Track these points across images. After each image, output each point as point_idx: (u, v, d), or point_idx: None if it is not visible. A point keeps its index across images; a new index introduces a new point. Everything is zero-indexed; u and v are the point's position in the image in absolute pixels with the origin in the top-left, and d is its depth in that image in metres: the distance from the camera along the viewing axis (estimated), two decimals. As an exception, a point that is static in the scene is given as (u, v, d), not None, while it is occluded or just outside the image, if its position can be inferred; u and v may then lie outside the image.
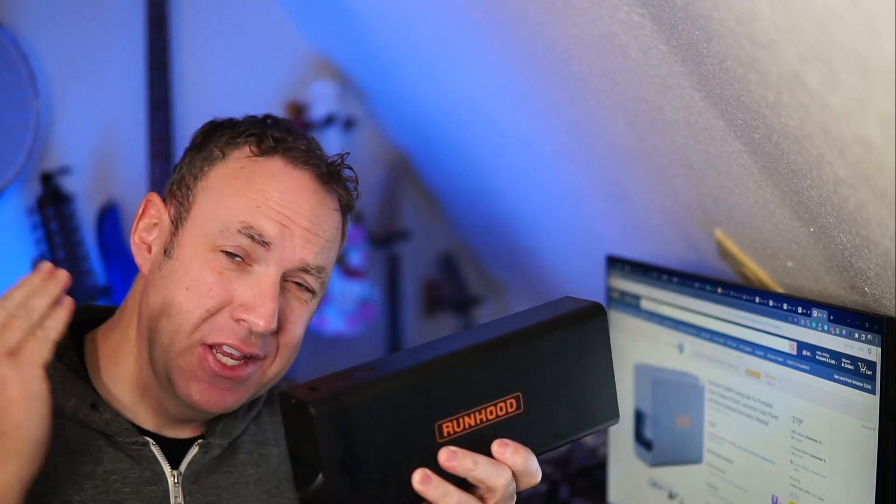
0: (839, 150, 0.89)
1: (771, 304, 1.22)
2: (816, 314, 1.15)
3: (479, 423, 0.84)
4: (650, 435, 1.47)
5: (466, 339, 0.88)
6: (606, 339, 0.91)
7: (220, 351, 1.00)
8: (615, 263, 1.55)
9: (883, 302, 1.09)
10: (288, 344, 1.04)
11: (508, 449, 0.85)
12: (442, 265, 2.65)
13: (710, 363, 1.34)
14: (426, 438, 0.82)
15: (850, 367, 1.11)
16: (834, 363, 1.13)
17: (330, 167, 1.05)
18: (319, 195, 1.04)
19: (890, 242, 0.95)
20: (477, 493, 0.85)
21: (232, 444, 1.09)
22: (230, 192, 1.01)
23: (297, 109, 2.32)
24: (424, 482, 0.81)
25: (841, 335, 1.12)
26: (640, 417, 1.49)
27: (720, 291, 1.31)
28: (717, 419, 1.34)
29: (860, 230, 0.98)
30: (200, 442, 1.07)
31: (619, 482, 1.56)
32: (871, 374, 1.08)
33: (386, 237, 2.49)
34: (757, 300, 1.25)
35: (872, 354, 1.08)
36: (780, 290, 1.31)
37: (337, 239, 1.06)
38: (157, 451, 1.04)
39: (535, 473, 0.87)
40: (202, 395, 1.00)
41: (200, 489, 1.06)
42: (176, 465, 1.05)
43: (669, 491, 1.44)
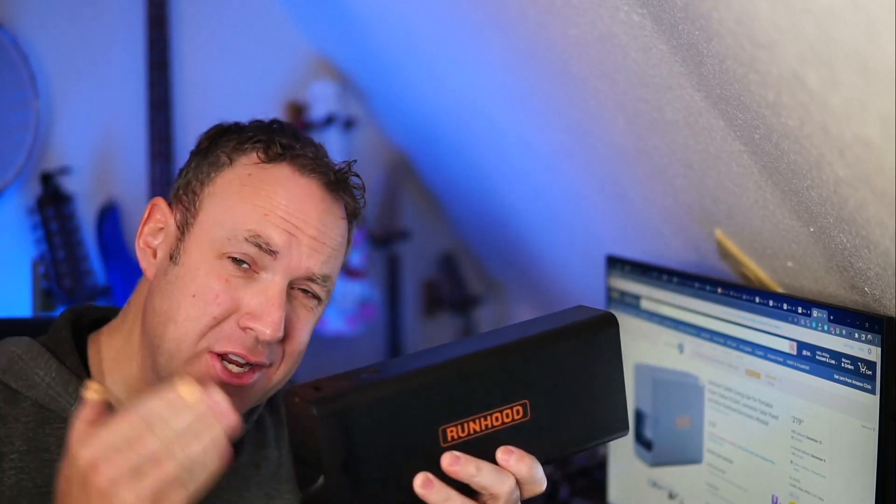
0: (839, 150, 0.89)
1: (771, 304, 1.22)
2: (816, 314, 1.15)
3: (484, 429, 0.84)
4: (650, 435, 1.47)
5: (475, 344, 0.88)
6: (618, 349, 0.90)
7: (226, 359, 1.00)
8: (615, 263, 1.55)
9: (883, 302, 1.09)
10: (294, 351, 1.03)
11: (513, 456, 0.84)
12: (442, 265, 2.65)
13: (710, 363, 1.34)
14: (430, 442, 0.82)
15: (850, 367, 1.11)
16: (834, 363, 1.13)
17: (337, 175, 1.04)
18: (327, 203, 1.03)
19: (890, 242, 0.95)
20: (480, 499, 0.85)
21: (233, 446, 1.09)
22: (237, 198, 1.01)
23: (297, 109, 2.32)
24: (426, 486, 0.81)
25: (841, 335, 1.12)
26: (640, 417, 1.49)
27: (720, 291, 1.31)
28: (717, 419, 1.34)
29: (860, 230, 0.98)
30: None
31: (619, 482, 1.56)
32: (871, 374, 1.08)
33: (386, 237, 2.49)
34: (757, 300, 1.24)
35: (872, 354, 1.08)
36: (780, 290, 1.31)
37: (343, 247, 1.06)
38: None
39: (539, 482, 0.86)
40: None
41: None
42: None
43: (669, 491, 1.44)
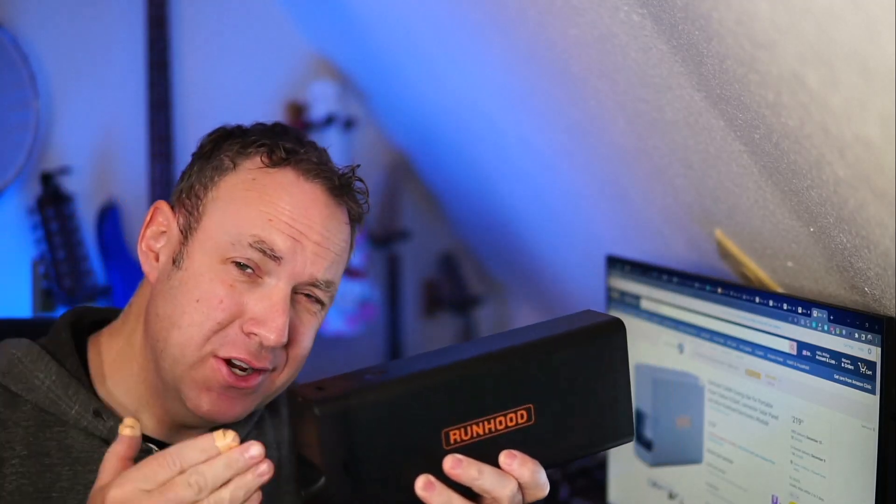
0: (839, 150, 0.89)
1: (771, 304, 1.22)
2: (816, 314, 1.15)
3: (487, 432, 0.83)
4: (650, 435, 1.47)
5: (480, 346, 0.87)
6: (624, 355, 0.89)
7: (230, 363, 1.00)
8: (615, 263, 1.55)
9: (883, 302, 1.09)
10: (297, 356, 1.03)
11: (516, 460, 0.84)
12: (442, 265, 2.65)
13: (710, 363, 1.34)
14: (432, 445, 0.82)
15: (850, 367, 1.11)
16: (834, 363, 1.13)
17: (341, 180, 1.04)
18: (331, 209, 1.03)
19: (890, 242, 0.95)
20: (482, 503, 0.85)
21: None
22: (241, 204, 1.00)
23: (297, 109, 2.32)
24: (427, 488, 0.81)
25: (841, 335, 1.12)
26: (640, 417, 1.49)
27: (720, 291, 1.31)
28: (717, 419, 1.33)
29: (860, 230, 0.98)
30: None
31: (619, 482, 1.56)
32: (871, 374, 1.08)
33: (386, 237, 2.49)
34: (757, 300, 1.24)
35: (872, 354, 1.08)
36: (780, 290, 1.31)
37: (346, 252, 1.06)
38: None
39: (542, 486, 0.86)
40: (213, 405, 1.00)
41: None
42: None
43: (669, 491, 1.44)
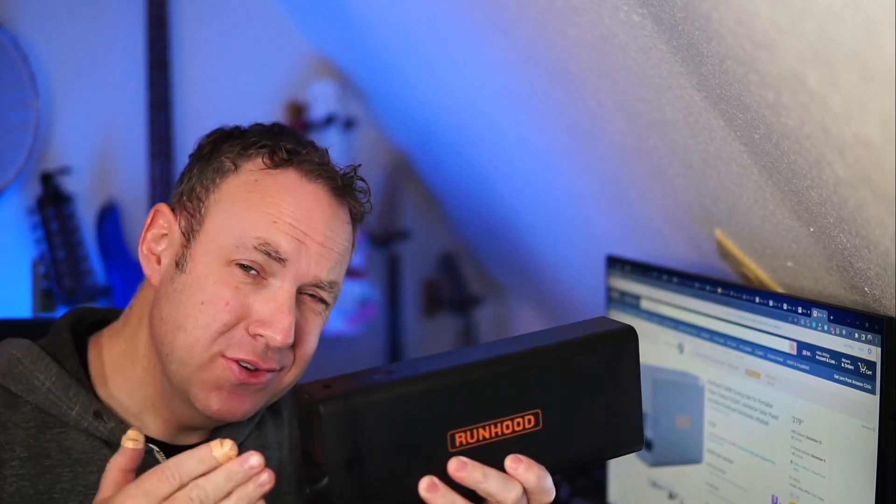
0: (839, 150, 0.88)
1: (771, 304, 1.22)
2: (816, 314, 1.15)
3: (493, 436, 0.83)
4: (650, 435, 1.47)
5: (489, 350, 0.87)
6: (636, 364, 0.89)
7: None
8: (615, 263, 1.55)
9: (883, 302, 1.09)
10: (304, 355, 1.04)
11: (522, 465, 0.83)
12: (442, 265, 2.65)
13: (710, 363, 1.34)
14: (437, 446, 0.81)
15: (850, 367, 1.11)
16: (834, 363, 1.13)
17: (344, 179, 1.04)
18: (333, 209, 1.03)
19: (890, 242, 0.94)
20: None
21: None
22: (244, 205, 1.00)
23: (297, 109, 2.32)
24: (431, 490, 0.81)
25: (841, 335, 1.12)
26: (640, 417, 1.49)
27: (720, 291, 1.31)
28: (717, 419, 1.34)
29: (860, 230, 0.98)
30: None
31: (619, 482, 1.56)
32: (871, 374, 1.08)
33: (386, 237, 2.49)
34: (757, 300, 1.24)
35: (872, 354, 1.08)
36: (780, 290, 1.31)
37: (349, 251, 1.06)
38: (161, 458, 1.03)
39: (548, 492, 0.85)
40: (222, 404, 1.00)
41: None
42: None
43: (669, 491, 1.44)
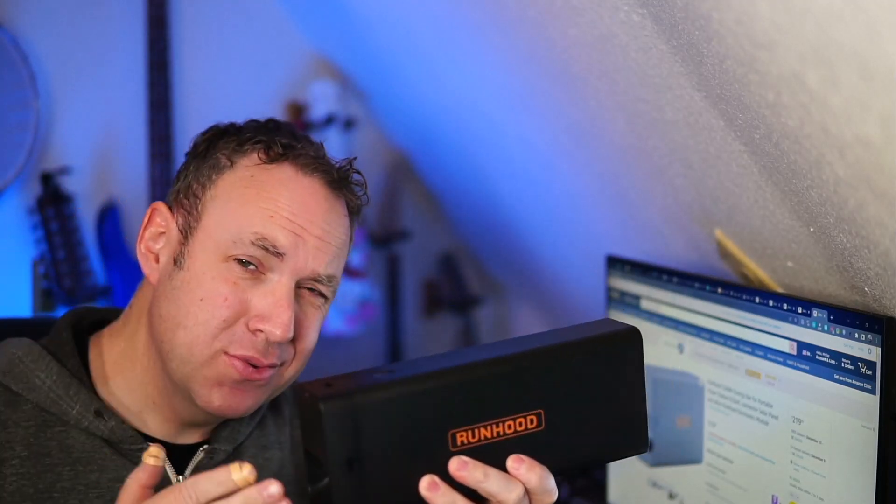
0: (839, 150, 0.89)
1: (771, 304, 1.22)
2: (816, 314, 1.15)
3: (495, 436, 0.83)
4: (650, 435, 1.47)
5: (492, 350, 0.87)
6: (640, 365, 0.88)
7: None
8: (615, 263, 1.55)
9: (883, 302, 1.09)
10: (304, 349, 1.04)
11: (524, 465, 0.83)
12: (442, 265, 2.65)
13: (710, 363, 1.34)
14: (438, 446, 0.81)
15: (850, 367, 1.11)
16: (834, 363, 1.13)
17: (339, 173, 1.04)
18: (330, 202, 1.03)
19: (890, 242, 0.95)
20: None
21: (236, 448, 1.09)
22: (241, 201, 1.00)
23: (297, 109, 2.32)
24: (432, 489, 0.80)
25: (841, 335, 1.12)
26: (640, 417, 1.49)
27: (720, 291, 1.31)
28: (717, 419, 1.34)
29: (860, 230, 0.98)
30: (206, 448, 1.07)
31: (619, 482, 1.56)
32: (871, 374, 1.08)
33: (386, 237, 2.49)
34: (757, 300, 1.24)
35: (872, 354, 1.08)
36: (780, 290, 1.31)
37: (347, 245, 1.06)
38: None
39: (551, 493, 0.85)
40: (224, 400, 1.00)
41: None
42: (181, 471, 1.05)
43: (669, 491, 1.44)
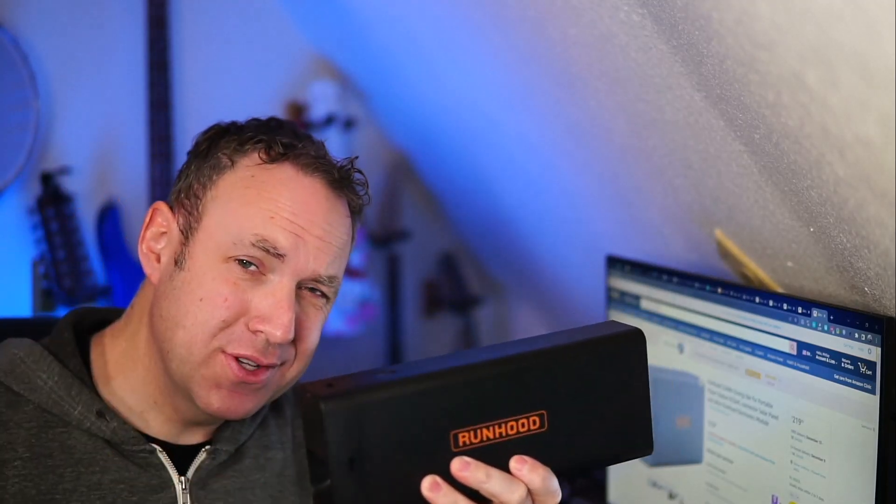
0: (839, 150, 0.89)
1: (771, 304, 1.22)
2: (816, 314, 1.15)
3: (498, 436, 0.83)
4: (650, 435, 1.47)
5: (494, 351, 0.86)
6: (644, 367, 0.88)
7: (238, 360, 0.99)
8: (615, 263, 1.55)
9: (883, 302, 1.09)
10: (306, 350, 1.03)
11: (526, 466, 0.83)
12: (442, 265, 2.65)
13: (710, 363, 1.34)
14: (440, 446, 0.81)
15: (850, 367, 1.11)
16: (834, 363, 1.13)
17: (340, 172, 1.04)
18: (331, 202, 1.03)
19: (890, 242, 0.95)
20: None
21: (238, 449, 1.09)
22: (241, 202, 1.00)
23: (297, 109, 2.32)
24: (434, 489, 0.80)
25: (841, 335, 1.12)
26: (640, 417, 1.49)
27: (720, 291, 1.31)
28: (717, 419, 1.34)
29: (860, 230, 0.98)
30: (208, 448, 1.07)
31: (619, 482, 1.56)
32: (871, 374, 1.08)
33: (386, 237, 2.49)
34: (757, 300, 1.24)
35: (872, 354, 1.08)
36: (780, 290, 1.31)
37: (348, 245, 1.05)
38: (164, 457, 1.03)
39: (554, 494, 0.84)
40: (223, 402, 1.00)
41: (208, 495, 1.05)
42: (183, 471, 1.05)
43: (669, 491, 1.44)
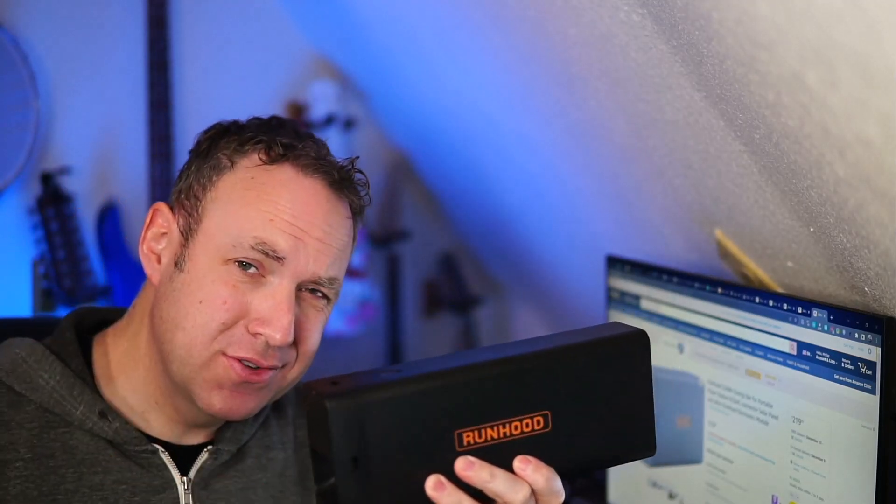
0: (839, 150, 0.89)
1: (771, 304, 1.22)
2: (816, 314, 1.15)
3: (501, 436, 0.83)
4: (650, 435, 1.47)
5: (499, 351, 0.86)
6: (647, 368, 0.88)
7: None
8: (615, 263, 1.55)
9: (883, 302, 1.09)
10: (307, 352, 1.03)
11: (530, 466, 0.83)
12: (442, 265, 2.65)
13: (710, 363, 1.34)
14: (444, 446, 0.81)
15: (850, 367, 1.11)
16: (834, 363, 1.13)
17: (341, 173, 1.03)
18: (332, 203, 1.02)
19: (890, 242, 0.95)
20: None
21: (240, 449, 1.09)
22: (241, 203, 0.99)
23: (297, 109, 2.32)
24: (438, 488, 0.80)
25: (841, 335, 1.12)
26: (640, 417, 1.49)
27: (720, 291, 1.31)
28: (717, 419, 1.34)
29: (860, 230, 0.98)
30: (210, 448, 1.06)
31: (619, 482, 1.56)
32: (871, 374, 1.08)
33: (386, 237, 2.49)
34: (757, 300, 1.24)
35: (872, 354, 1.08)
36: (780, 290, 1.31)
37: (349, 246, 1.05)
38: (166, 458, 1.03)
39: (557, 494, 0.84)
40: (224, 402, 0.99)
41: (210, 495, 1.05)
42: (185, 471, 1.04)
43: (669, 491, 1.44)
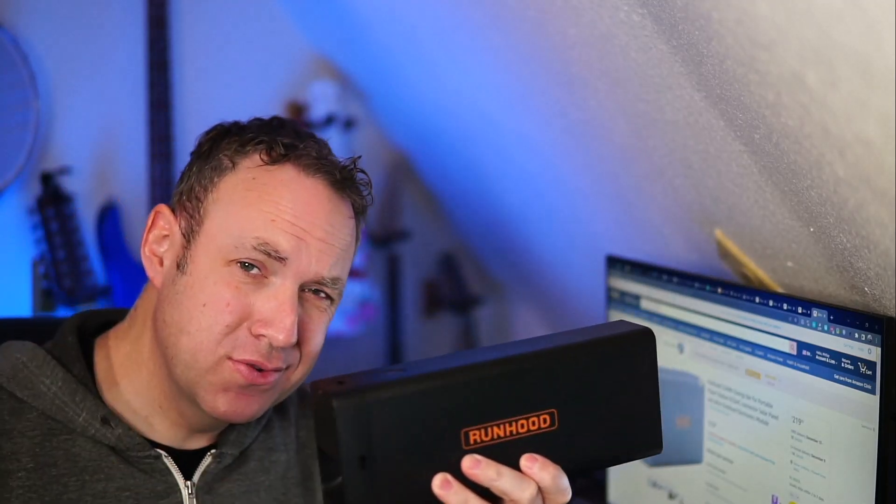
0: (839, 150, 0.89)
1: (771, 304, 1.22)
2: (816, 314, 1.15)
3: (508, 434, 0.83)
4: (650, 435, 1.47)
5: (504, 349, 0.87)
6: (653, 366, 0.89)
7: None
8: (615, 263, 1.55)
9: (883, 302, 1.09)
10: (310, 352, 1.03)
11: (537, 464, 0.83)
12: (442, 265, 2.65)
13: (710, 363, 1.34)
14: (451, 444, 0.81)
15: (850, 367, 1.11)
16: (834, 363, 1.13)
17: (343, 173, 1.02)
18: (334, 203, 1.02)
19: (890, 242, 0.95)
20: None
21: (243, 452, 1.09)
22: (242, 204, 0.99)
23: (297, 109, 2.32)
24: (444, 487, 0.80)
25: (841, 335, 1.12)
26: (640, 417, 1.49)
27: (720, 291, 1.31)
28: (717, 419, 1.34)
29: (860, 230, 0.98)
30: (213, 452, 1.06)
31: (619, 482, 1.56)
32: (871, 374, 1.08)
33: (386, 237, 2.49)
34: (757, 300, 1.24)
35: (872, 354, 1.08)
36: (780, 290, 1.31)
37: (352, 246, 1.04)
38: (169, 462, 1.03)
39: (564, 492, 0.85)
40: (230, 405, 0.99)
41: (214, 499, 1.05)
42: (188, 475, 1.04)
43: (669, 491, 1.44)
